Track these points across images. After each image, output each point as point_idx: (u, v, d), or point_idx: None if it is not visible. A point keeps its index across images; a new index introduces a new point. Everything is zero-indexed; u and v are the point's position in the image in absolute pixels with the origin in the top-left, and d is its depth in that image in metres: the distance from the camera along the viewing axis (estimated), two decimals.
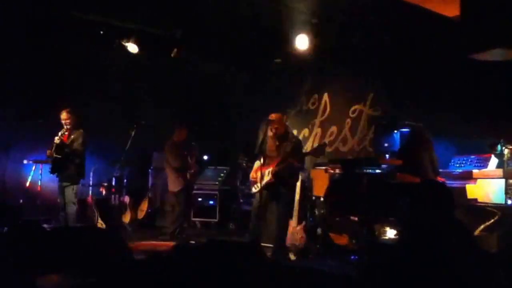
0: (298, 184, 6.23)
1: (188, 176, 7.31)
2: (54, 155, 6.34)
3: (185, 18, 7.37)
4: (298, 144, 5.93)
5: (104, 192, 8.26)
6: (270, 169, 5.64)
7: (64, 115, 6.47)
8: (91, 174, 7.95)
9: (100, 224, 7.53)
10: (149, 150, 9.15)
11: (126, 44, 7.86)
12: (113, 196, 8.19)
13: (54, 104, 7.53)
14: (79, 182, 6.60)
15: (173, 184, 7.29)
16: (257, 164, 5.87)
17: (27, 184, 7.42)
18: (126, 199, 8.41)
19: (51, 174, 6.57)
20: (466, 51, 4.98)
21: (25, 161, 7.63)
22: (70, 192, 6.42)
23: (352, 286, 3.89)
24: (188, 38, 8.00)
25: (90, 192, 7.88)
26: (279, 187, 5.68)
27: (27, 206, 7.36)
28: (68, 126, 6.44)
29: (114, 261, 3.11)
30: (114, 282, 2.87)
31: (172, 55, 8.15)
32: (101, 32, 7.62)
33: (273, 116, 5.76)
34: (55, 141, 6.35)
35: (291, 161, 5.62)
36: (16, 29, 7.28)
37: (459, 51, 5.13)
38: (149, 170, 9.12)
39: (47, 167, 7.41)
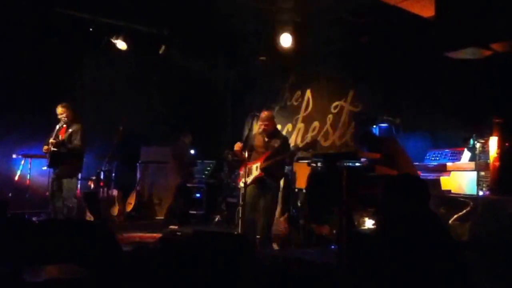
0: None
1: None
2: (52, 149, 6.21)
3: (173, 16, 7.49)
4: (286, 141, 6.04)
5: (92, 186, 8.34)
6: (258, 164, 5.73)
7: (59, 110, 6.37)
8: None
9: (89, 217, 7.65)
10: (137, 145, 9.22)
11: (115, 41, 7.96)
12: (101, 189, 8.25)
13: (43, 99, 7.64)
14: (77, 176, 6.57)
15: (176, 176, 7.69)
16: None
17: (16, 178, 7.46)
18: (114, 192, 8.49)
19: (49, 168, 6.47)
20: (441, 50, 5.16)
21: (14, 155, 7.64)
22: (70, 186, 6.35)
23: (332, 274, 4.11)
24: (176, 35, 8.13)
25: (79, 185, 7.95)
26: (266, 181, 5.76)
27: (16, 200, 7.33)
28: (66, 120, 6.35)
29: (102, 253, 3.15)
30: (102, 274, 2.95)
31: (160, 52, 8.27)
32: (90, 29, 7.71)
33: (264, 114, 5.86)
34: (52, 136, 6.24)
35: (279, 158, 5.71)
36: (3, 25, 7.29)
37: (434, 50, 5.32)
38: (137, 164, 9.19)
39: (36, 161, 7.49)
